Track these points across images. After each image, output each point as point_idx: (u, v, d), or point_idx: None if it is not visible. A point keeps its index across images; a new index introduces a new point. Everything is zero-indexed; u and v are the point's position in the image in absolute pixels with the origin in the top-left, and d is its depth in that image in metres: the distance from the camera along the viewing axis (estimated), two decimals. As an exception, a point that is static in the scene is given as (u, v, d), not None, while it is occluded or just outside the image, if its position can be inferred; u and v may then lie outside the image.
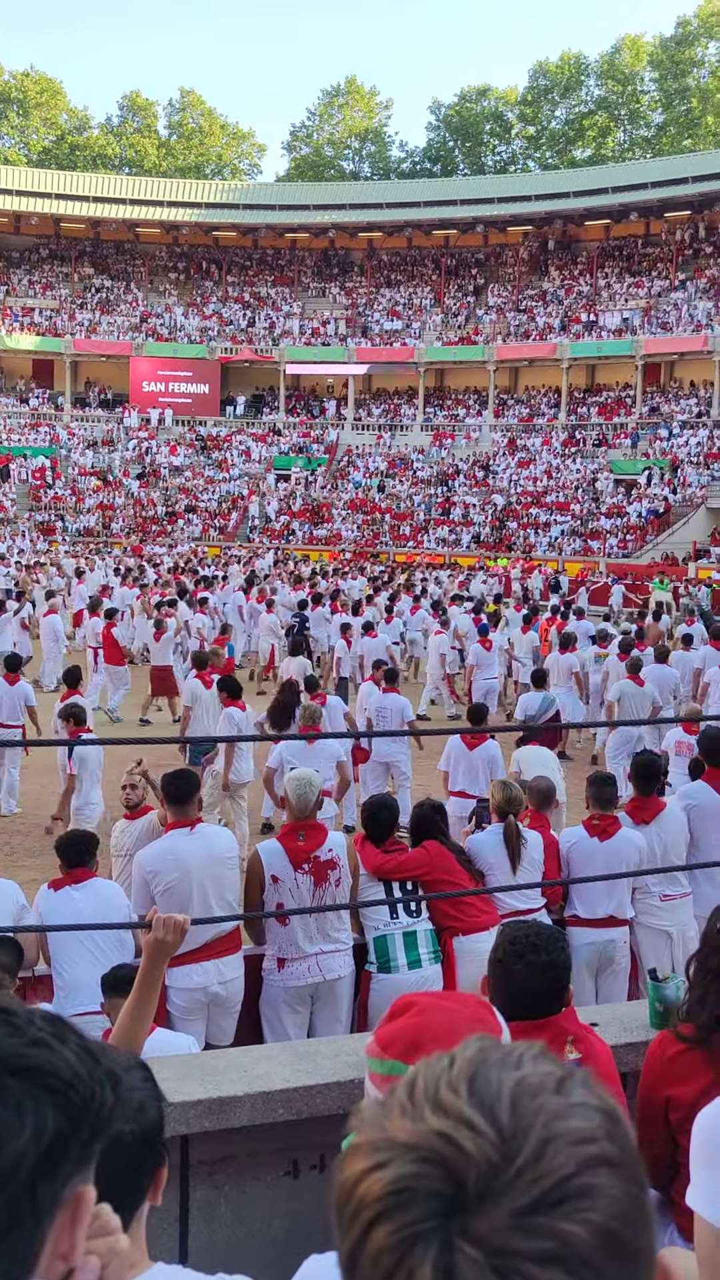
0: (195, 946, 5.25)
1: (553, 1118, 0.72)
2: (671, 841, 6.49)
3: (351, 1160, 0.74)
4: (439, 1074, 0.77)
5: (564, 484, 47.20)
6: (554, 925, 2.98)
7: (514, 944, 2.76)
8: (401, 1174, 0.70)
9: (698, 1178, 1.97)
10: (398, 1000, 1.81)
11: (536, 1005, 2.72)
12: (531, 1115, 0.72)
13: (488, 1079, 0.75)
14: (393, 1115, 0.75)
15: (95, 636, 18.23)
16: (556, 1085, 0.75)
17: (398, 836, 6.04)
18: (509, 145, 79.23)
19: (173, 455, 53.15)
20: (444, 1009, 1.76)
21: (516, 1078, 0.75)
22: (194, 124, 78.88)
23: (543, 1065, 0.77)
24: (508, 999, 2.72)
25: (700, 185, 49.62)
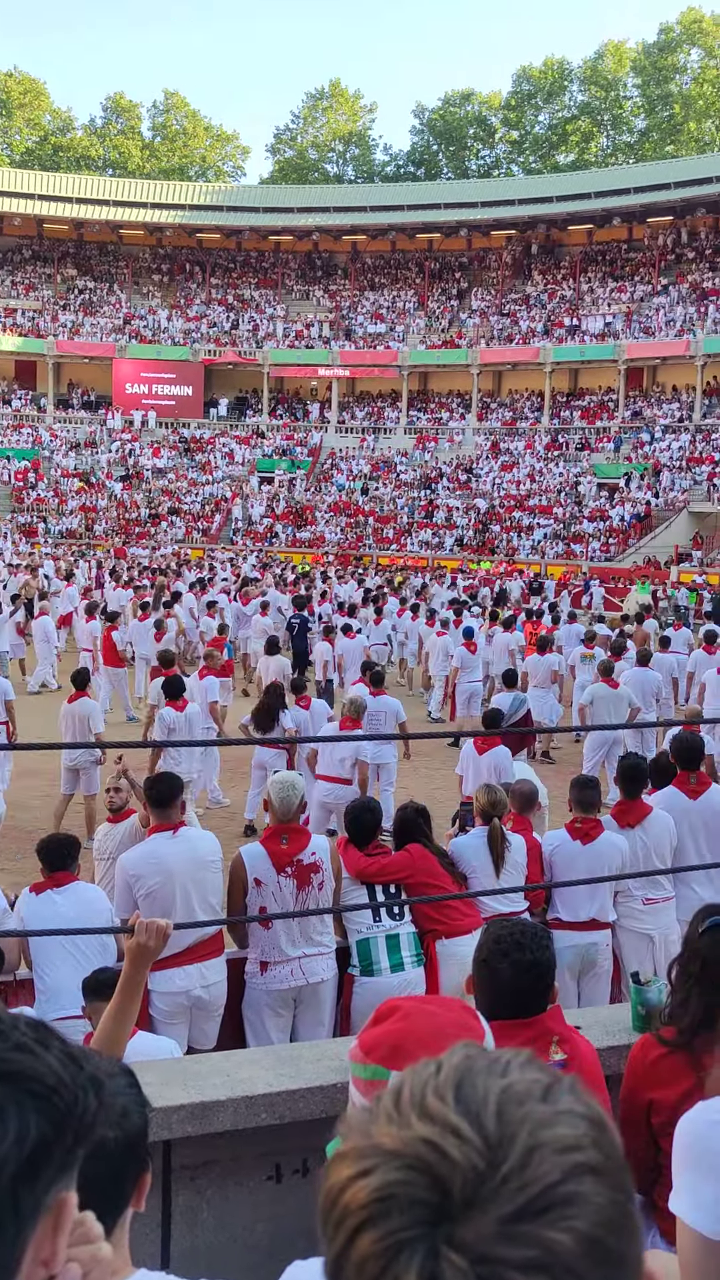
0: (178, 950, 5.23)
1: (539, 1125, 0.72)
2: (656, 845, 6.50)
3: (337, 1167, 0.74)
4: (425, 1081, 0.76)
5: (547, 487, 47.33)
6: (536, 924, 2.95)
7: (498, 943, 2.75)
8: (387, 1181, 0.70)
9: (680, 1182, 1.97)
10: (381, 1005, 1.80)
11: (521, 1004, 2.71)
12: (518, 1123, 0.72)
13: (474, 1086, 0.75)
14: (379, 1122, 0.75)
15: (92, 639, 18.21)
16: (543, 1093, 0.75)
17: (381, 840, 6.04)
18: (492, 149, 79.45)
19: (156, 457, 53.04)
20: (427, 1014, 1.76)
21: (503, 1085, 0.75)
22: (178, 126, 78.81)
23: (530, 1072, 0.77)
24: (492, 998, 2.72)
25: (683, 191, 49.89)
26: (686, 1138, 1.98)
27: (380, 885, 5.78)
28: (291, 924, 5.42)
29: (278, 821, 5.68)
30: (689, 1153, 1.97)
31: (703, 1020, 2.68)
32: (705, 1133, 1.95)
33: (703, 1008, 2.67)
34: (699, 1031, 2.67)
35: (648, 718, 13.62)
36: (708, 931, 2.80)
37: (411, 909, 5.72)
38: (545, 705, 15.21)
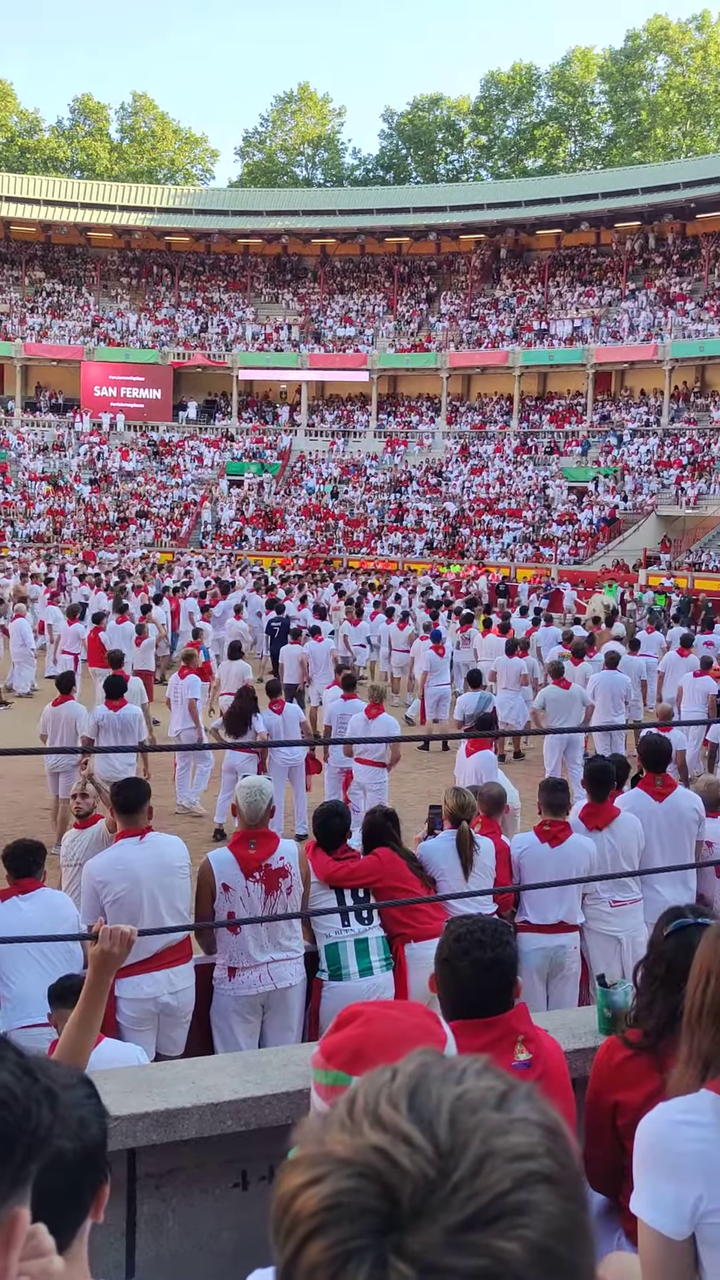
0: (145, 956, 5.20)
1: (491, 1133, 0.71)
2: (624, 848, 6.52)
3: (289, 1175, 0.74)
4: (380, 1088, 0.76)
5: (516, 491, 47.52)
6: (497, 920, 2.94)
7: (459, 941, 2.73)
8: (337, 1189, 0.69)
9: (640, 1183, 1.98)
10: (343, 1010, 1.80)
11: (484, 1002, 2.69)
12: (470, 1131, 0.71)
13: (428, 1093, 0.74)
14: (332, 1129, 0.74)
15: (76, 642, 18.13)
16: (498, 1100, 0.74)
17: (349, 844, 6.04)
18: (461, 154, 79.73)
19: (124, 460, 52.82)
20: (389, 1018, 1.75)
21: (457, 1093, 0.74)
22: (146, 128, 78.56)
23: (485, 1080, 0.76)
24: (455, 997, 2.71)
25: (650, 197, 50.27)
26: (647, 1138, 1.99)
27: (349, 889, 5.77)
28: (260, 929, 5.40)
29: (245, 826, 5.66)
30: (649, 1153, 1.98)
31: (667, 1023, 2.69)
32: (666, 1133, 1.96)
33: (667, 1010, 2.68)
34: (664, 1034, 2.68)
35: (616, 720, 13.70)
36: (673, 934, 2.81)
37: (380, 913, 5.72)
38: (515, 707, 15.28)
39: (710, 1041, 2.04)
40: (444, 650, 16.69)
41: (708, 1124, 1.94)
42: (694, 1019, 2.09)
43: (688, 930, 2.77)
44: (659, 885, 6.62)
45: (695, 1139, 1.93)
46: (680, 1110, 1.98)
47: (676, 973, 2.69)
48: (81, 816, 7.10)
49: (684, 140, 73.66)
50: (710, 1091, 1.98)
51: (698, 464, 44.13)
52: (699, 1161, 1.91)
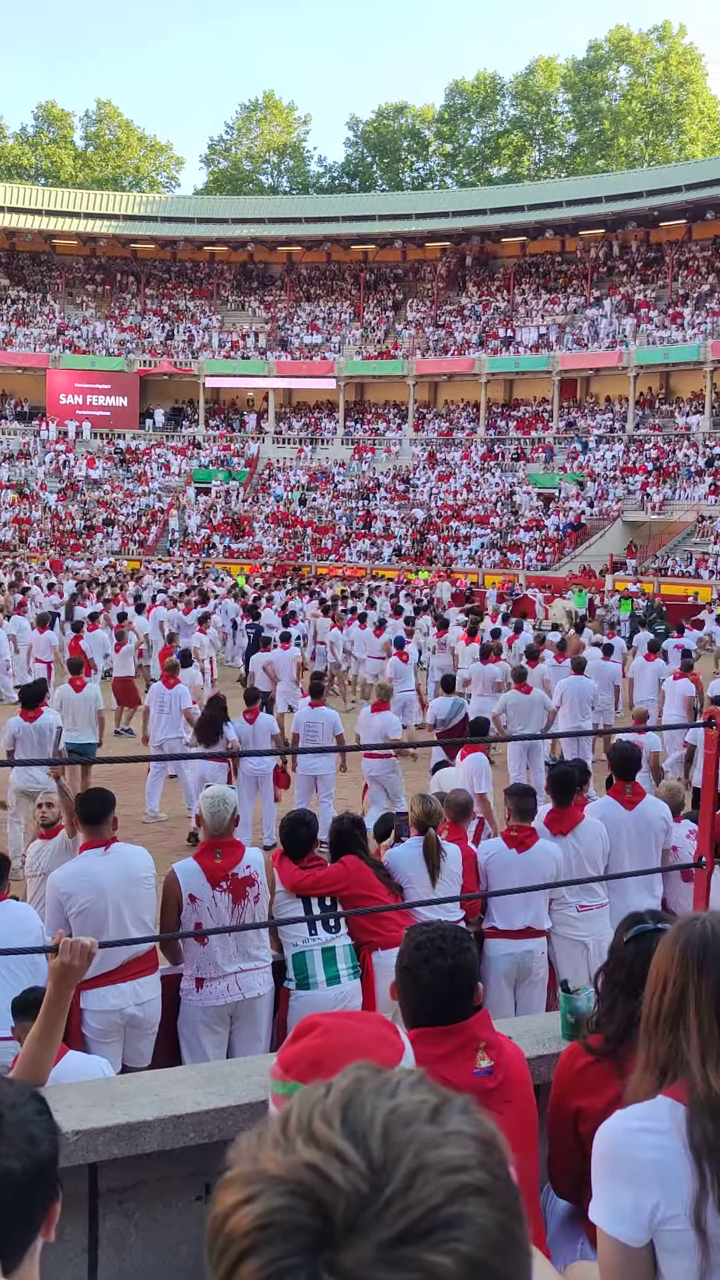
0: (111, 968, 5.16)
1: (424, 1147, 0.71)
2: (588, 852, 6.54)
3: (223, 1194, 0.73)
4: (314, 1104, 0.75)
5: (483, 497, 47.69)
6: (458, 926, 2.93)
7: (419, 949, 2.71)
8: (270, 1207, 0.69)
9: (599, 1190, 1.98)
10: (302, 1021, 1.79)
11: (445, 1010, 2.68)
12: (403, 1145, 0.71)
13: (362, 1108, 0.74)
14: (266, 1147, 0.74)
15: (48, 649, 18.02)
16: (431, 1113, 0.74)
17: (318, 852, 6.02)
18: (426, 162, 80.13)
19: (91, 468, 52.58)
20: (347, 1028, 1.75)
21: (391, 1106, 0.74)
22: (111, 135, 78.40)
23: (419, 1093, 0.76)
24: (416, 1005, 2.70)
25: (613, 205, 50.67)
26: (605, 1145, 1.99)
27: (315, 898, 5.75)
28: (228, 939, 5.37)
29: (210, 836, 5.63)
30: (607, 1160, 1.98)
31: (628, 1028, 2.69)
32: (623, 1140, 1.97)
33: (628, 1016, 2.69)
34: (624, 1039, 2.68)
35: (582, 725, 13.77)
36: (632, 940, 2.82)
37: (347, 921, 5.71)
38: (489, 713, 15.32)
39: (667, 1048, 2.04)
40: (408, 657, 16.70)
41: (665, 1130, 1.94)
42: (651, 1025, 2.09)
43: (647, 936, 2.78)
44: (628, 894, 6.64)
45: (652, 1146, 1.93)
46: (637, 1117, 1.99)
47: (636, 978, 2.70)
48: (47, 826, 7.05)
49: (646, 149, 74.37)
50: (667, 1098, 1.99)
51: (663, 470, 44.47)
52: (656, 1169, 1.91)
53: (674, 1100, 1.97)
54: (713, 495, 41.36)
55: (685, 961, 2.06)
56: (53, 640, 18.16)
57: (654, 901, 6.72)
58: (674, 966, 2.07)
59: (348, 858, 5.89)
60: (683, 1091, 1.98)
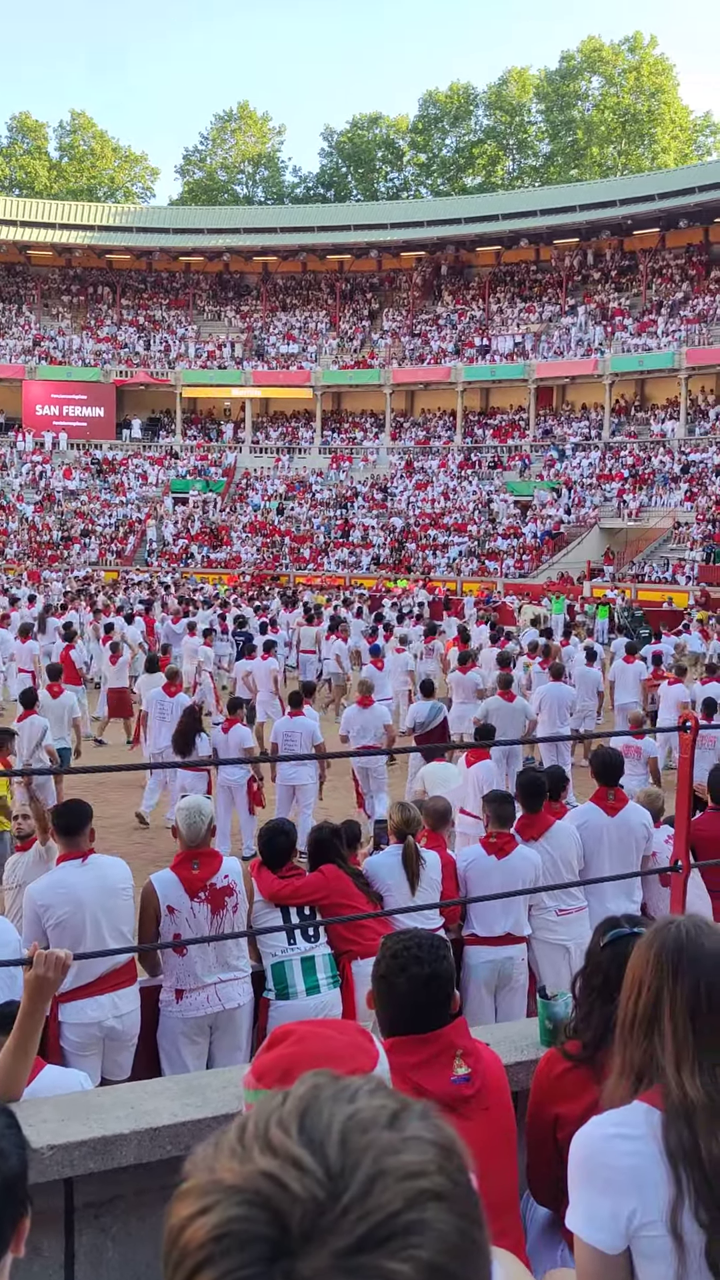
0: (89, 980, 5.12)
1: (383, 1153, 0.70)
2: (563, 856, 6.55)
3: (179, 1206, 0.72)
4: (271, 1112, 0.75)
5: (461, 505, 47.79)
6: (434, 934, 2.93)
7: (395, 957, 2.72)
8: (226, 1218, 0.68)
9: (575, 1198, 1.97)
10: (276, 1030, 1.78)
11: (421, 1018, 2.68)
12: (361, 1151, 0.70)
13: (319, 1115, 0.73)
14: (222, 1157, 0.73)
15: (29, 659, 18.10)
16: (389, 1119, 0.73)
17: (296, 861, 6.00)
18: (401, 172, 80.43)
19: (67, 479, 52.41)
20: (321, 1037, 1.74)
21: (349, 1112, 0.73)
22: (85, 146, 78.34)
23: (377, 1099, 0.75)
24: (393, 1013, 2.69)
25: (587, 214, 50.97)
26: (580, 1153, 1.98)
27: (295, 907, 5.73)
28: (207, 950, 5.35)
29: (187, 847, 5.60)
30: (583, 1168, 1.96)
31: (605, 1034, 2.69)
32: (599, 1147, 1.95)
33: (605, 1021, 2.68)
34: (602, 1045, 2.68)
35: (561, 731, 13.83)
36: (609, 944, 2.81)
37: (326, 930, 5.69)
38: (469, 720, 15.40)
39: (642, 1053, 2.03)
40: (383, 664, 16.76)
41: (640, 1136, 1.93)
42: (626, 1030, 2.08)
43: (624, 940, 2.77)
44: (608, 900, 6.64)
45: (628, 1152, 1.92)
46: (613, 1123, 1.97)
47: (613, 983, 2.69)
48: (23, 838, 7.00)
49: (619, 159, 74.87)
50: (643, 1103, 1.97)
51: (639, 477, 44.69)
52: (632, 1175, 1.90)
53: (649, 1106, 1.96)
54: (688, 501, 41.59)
55: (660, 966, 2.04)
56: (34, 650, 18.16)
57: (633, 907, 6.73)
58: (649, 971, 2.06)
59: (326, 867, 5.87)
60: (658, 1097, 1.96)
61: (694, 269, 50.98)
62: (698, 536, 39.07)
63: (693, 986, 2.00)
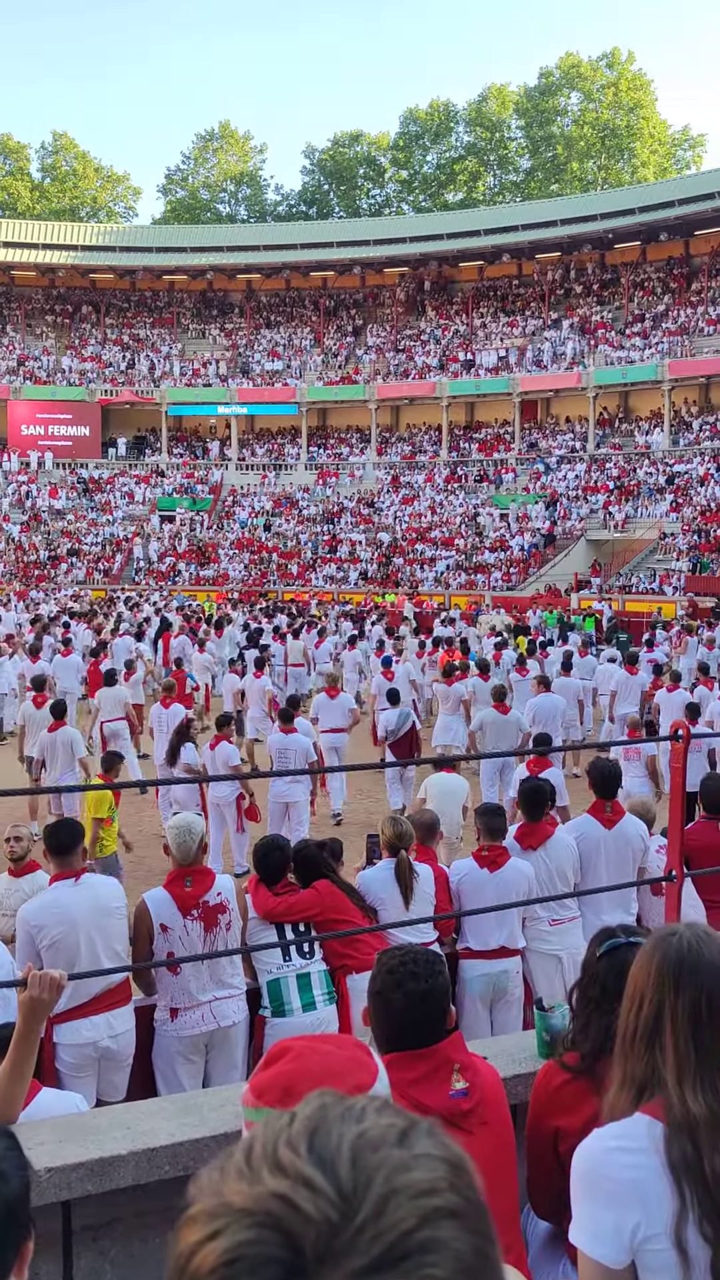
0: (83, 1000, 5.09)
1: (394, 1171, 0.69)
2: (558, 867, 6.55)
3: (187, 1231, 0.70)
4: (278, 1133, 0.73)
5: (447, 519, 47.89)
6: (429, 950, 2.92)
7: (391, 973, 2.71)
8: (237, 1242, 0.66)
9: (578, 1212, 1.95)
10: (274, 1046, 1.77)
11: (418, 1033, 2.67)
12: (373, 1170, 0.69)
13: (328, 1134, 0.72)
14: (230, 1179, 0.71)
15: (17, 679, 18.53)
16: (399, 1137, 0.72)
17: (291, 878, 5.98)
18: (382, 189, 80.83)
19: (54, 499, 52.37)
20: (320, 1053, 1.73)
21: (358, 1131, 0.72)
22: (67, 167, 78.53)
23: (385, 1117, 0.75)
24: (389, 1029, 2.69)
25: (568, 228, 51.27)
26: (582, 1166, 1.96)
27: (289, 924, 5.71)
28: (201, 967, 5.32)
29: (178, 865, 5.58)
30: (585, 1181, 1.95)
31: (603, 1044, 2.68)
32: (601, 1160, 1.94)
33: (603, 1032, 2.67)
34: (600, 1056, 2.67)
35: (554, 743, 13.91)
36: (605, 955, 2.80)
37: (322, 945, 5.67)
38: (452, 731, 15.50)
39: (644, 1066, 2.00)
40: (394, 675, 16.90)
41: (642, 1149, 1.91)
42: (627, 1042, 2.06)
43: (620, 950, 2.77)
44: (603, 912, 6.63)
45: (630, 1165, 1.90)
46: (614, 1136, 1.95)
47: (610, 994, 2.69)
48: (16, 861, 6.91)
49: (599, 173, 75.41)
50: (645, 1115, 1.96)
51: (624, 488, 44.86)
52: (634, 1189, 1.88)
53: (651, 1118, 1.94)
54: (674, 512, 41.76)
55: (661, 979, 2.02)
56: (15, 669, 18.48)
57: (629, 919, 6.72)
58: (650, 983, 2.03)
59: (320, 882, 5.85)
60: (660, 1109, 1.94)
61: (675, 281, 51.32)
62: (684, 547, 39.21)
63: (694, 1000, 1.97)
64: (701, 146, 78.99)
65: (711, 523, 39.82)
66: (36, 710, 13.41)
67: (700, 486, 42.49)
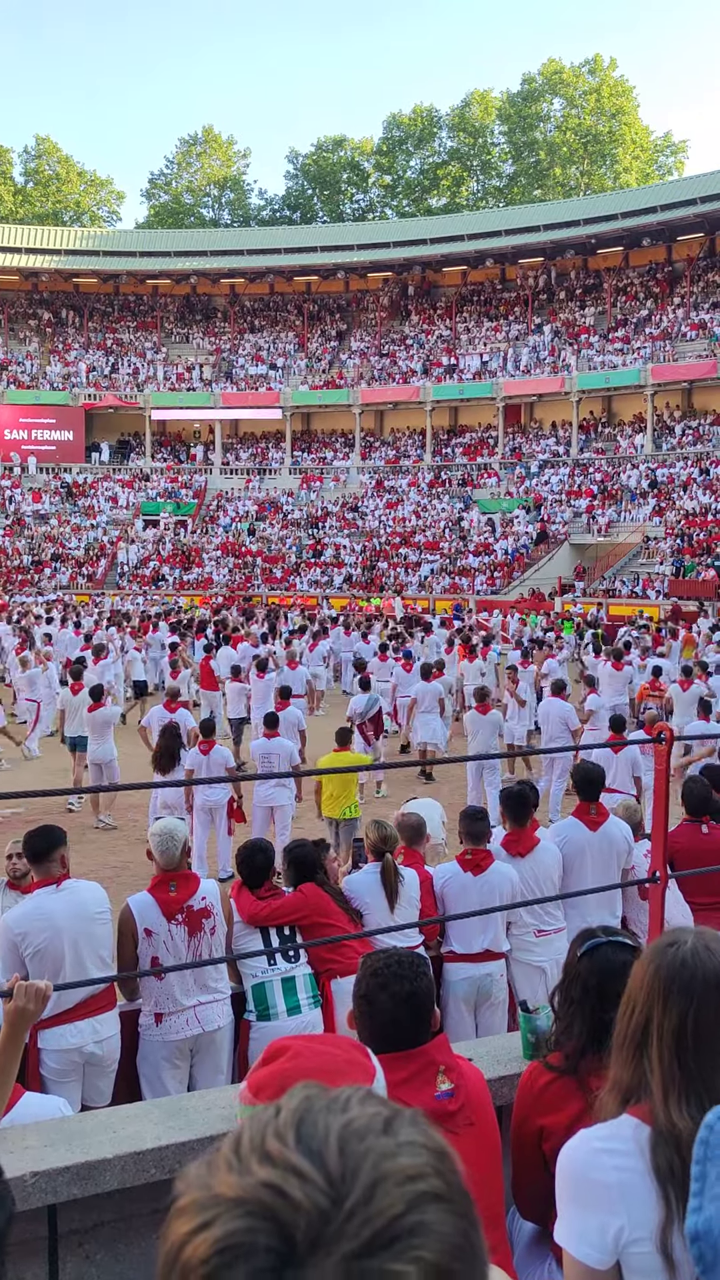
0: (68, 1006, 5.07)
1: (381, 1158, 0.71)
2: (544, 874, 6.54)
3: (177, 1223, 0.71)
4: (265, 1124, 0.75)
5: (431, 523, 47.95)
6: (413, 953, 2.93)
7: (375, 975, 2.73)
8: (228, 1231, 0.68)
9: (564, 1213, 1.95)
10: (271, 1044, 1.78)
11: (402, 1035, 2.69)
12: (360, 1157, 0.71)
13: (315, 1125, 0.73)
14: (219, 1172, 0.72)
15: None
16: (384, 1125, 0.74)
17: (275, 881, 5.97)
18: (366, 194, 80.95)
19: (37, 503, 52.21)
20: (317, 1052, 1.74)
21: (344, 1120, 0.74)
22: (50, 171, 78.39)
23: (370, 1107, 0.76)
24: (374, 1031, 2.69)
25: (551, 234, 51.48)
26: (569, 1167, 1.96)
27: (274, 928, 5.71)
28: (185, 972, 5.31)
29: (162, 870, 5.56)
30: (571, 1182, 1.95)
31: (587, 1043, 2.69)
32: (587, 1162, 1.93)
33: (586, 1031, 2.69)
34: (584, 1055, 2.68)
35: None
36: (586, 954, 2.81)
37: (306, 949, 5.66)
38: (430, 729, 15.70)
39: (632, 1073, 1.99)
40: (412, 666, 18.11)
41: (628, 1151, 1.90)
42: (619, 1047, 2.04)
43: (601, 950, 2.78)
44: (588, 913, 6.65)
45: (616, 1167, 1.90)
46: (599, 1138, 1.95)
47: (591, 993, 2.70)
48: (17, 878, 6.69)
49: (582, 179, 75.70)
50: (632, 1118, 1.95)
51: (607, 492, 45.01)
52: (621, 1191, 1.88)
53: (639, 1121, 1.94)
54: (657, 516, 41.92)
55: (652, 989, 1.98)
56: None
57: (614, 921, 6.73)
58: (642, 993, 2.00)
59: (305, 886, 5.85)
60: (647, 1111, 1.93)
61: (658, 286, 51.54)
62: (667, 551, 39.37)
63: (680, 1016, 1.93)
64: (683, 153, 79.58)
65: (694, 527, 40.00)
66: (74, 697, 14.79)
67: (683, 491, 42.67)
